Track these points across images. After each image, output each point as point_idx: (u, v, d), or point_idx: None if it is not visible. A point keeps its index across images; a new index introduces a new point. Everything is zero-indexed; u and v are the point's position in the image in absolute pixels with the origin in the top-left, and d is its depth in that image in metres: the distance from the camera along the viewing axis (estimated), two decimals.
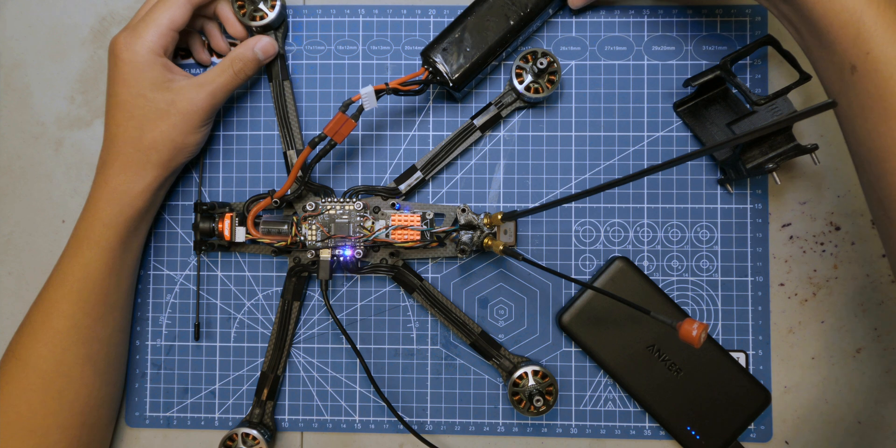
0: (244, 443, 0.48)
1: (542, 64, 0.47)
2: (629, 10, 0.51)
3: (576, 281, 0.41)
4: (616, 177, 0.51)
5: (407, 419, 0.51)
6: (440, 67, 0.47)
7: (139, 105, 0.45)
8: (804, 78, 0.44)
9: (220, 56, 0.52)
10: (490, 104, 0.50)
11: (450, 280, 0.51)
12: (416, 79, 0.47)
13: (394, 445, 0.51)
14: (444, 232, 0.47)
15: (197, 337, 0.51)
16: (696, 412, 0.48)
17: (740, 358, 0.50)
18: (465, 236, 0.46)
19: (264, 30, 0.50)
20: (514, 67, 0.48)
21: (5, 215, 0.53)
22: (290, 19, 0.52)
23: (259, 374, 0.51)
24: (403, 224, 0.48)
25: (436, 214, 0.49)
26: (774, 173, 0.46)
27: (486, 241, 0.46)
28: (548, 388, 0.48)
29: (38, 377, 0.45)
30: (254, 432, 0.48)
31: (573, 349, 0.51)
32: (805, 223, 0.51)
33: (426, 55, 0.47)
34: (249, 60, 0.48)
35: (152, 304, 0.52)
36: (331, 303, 0.51)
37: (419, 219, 0.48)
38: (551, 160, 0.51)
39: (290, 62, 0.52)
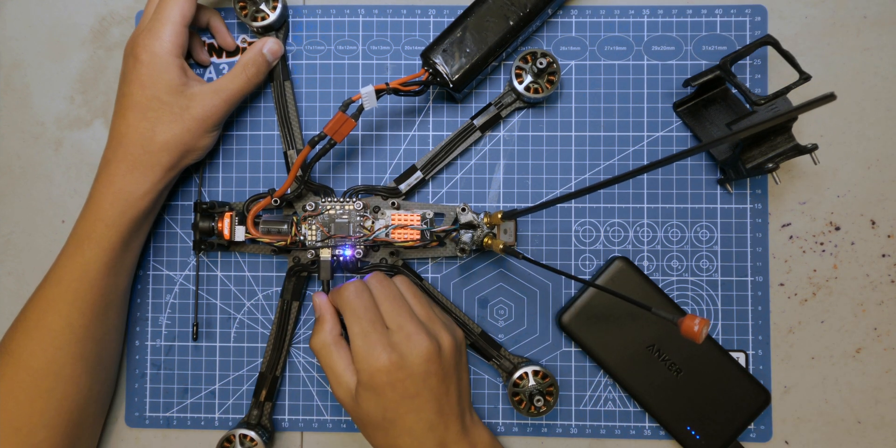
0: (241, 444, 0.48)
1: (541, 64, 0.47)
2: (629, 10, 0.51)
3: (575, 278, 0.41)
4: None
5: None
6: (440, 68, 0.47)
7: (153, 107, 0.45)
8: (804, 78, 0.44)
9: (219, 56, 0.52)
10: (490, 104, 0.50)
11: (450, 280, 0.51)
12: (417, 80, 0.47)
13: None
14: (444, 231, 0.47)
15: (195, 337, 0.51)
16: (696, 412, 0.48)
17: (740, 358, 0.50)
18: (466, 236, 0.46)
19: (266, 30, 0.50)
20: (513, 68, 0.48)
21: (5, 215, 0.53)
22: (291, 19, 0.52)
23: (258, 374, 0.51)
24: (403, 223, 0.48)
25: (436, 214, 0.49)
26: (774, 173, 0.46)
27: (486, 240, 0.46)
28: (548, 389, 0.48)
29: (29, 375, 0.44)
30: (251, 434, 0.48)
31: (573, 349, 0.51)
32: (805, 223, 0.51)
33: (426, 56, 0.47)
34: (261, 64, 0.48)
35: (152, 304, 0.52)
36: None
37: (419, 218, 0.48)
38: (551, 160, 0.51)
39: (290, 62, 0.52)
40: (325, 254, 0.48)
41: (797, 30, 0.51)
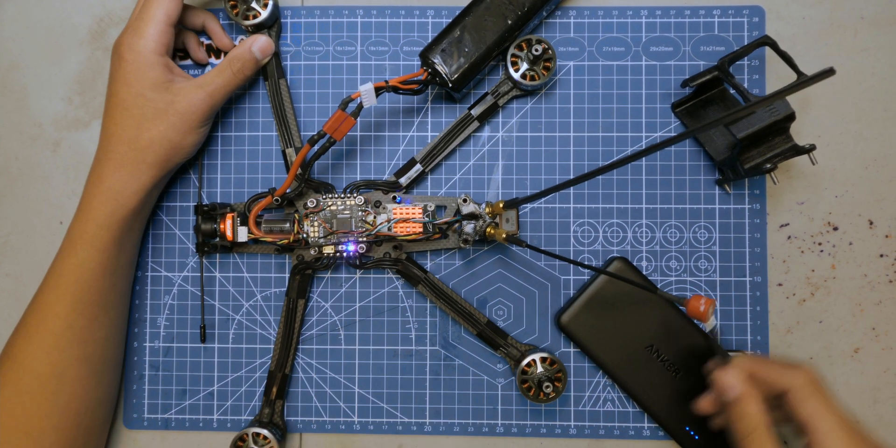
0: (255, 443, 0.48)
1: (536, 51, 0.47)
2: (627, 11, 0.51)
3: (582, 264, 0.41)
4: (615, 177, 0.51)
5: (406, 420, 0.51)
6: (439, 68, 0.47)
7: (138, 105, 0.45)
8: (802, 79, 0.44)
9: (218, 56, 0.52)
10: (486, 94, 0.50)
11: (449, 280, 0.51)
12: (416, 79, 0.47)
13: (393, 446, 0.51)
14: (446, 223, 0.47)
15: (203, 339, 0.51)
16: (695, 412, 0.48)
17: None
18: (468, 226, 0.47)
19: (257, 29, 0.50)
20: (508, 55, 0.48)
21: (2, 217, 0.53)
22: (289, 20, 0.52)
23: (260, 374, 0.51)
24: (405, 217, 0.48)
25: (437, 206, 0.49)
26: (772, 173, 0.46)
27: (488, 230, 0.46)
28: (556, 375, 0.48)
29: (33, 379, 0.44)
30: (264, 432, 0.48)
31: (572, 349, 0.51)
32: (803, 223, 0.51)
33: (425, 56, 0.47)
34: (248, 60, 0.48)
35: (150, 305, 0.52)
36: (331, 303, 0.51)
37: (421, 211, 0.48)
38: (549, 161, 0.51)
39: (288, 63, 0.52)
40: (329, 250, 0.48)
41: (795, 30, 0.51)
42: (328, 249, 0.48)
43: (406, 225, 0.48)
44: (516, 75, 0.48)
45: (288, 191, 0.47)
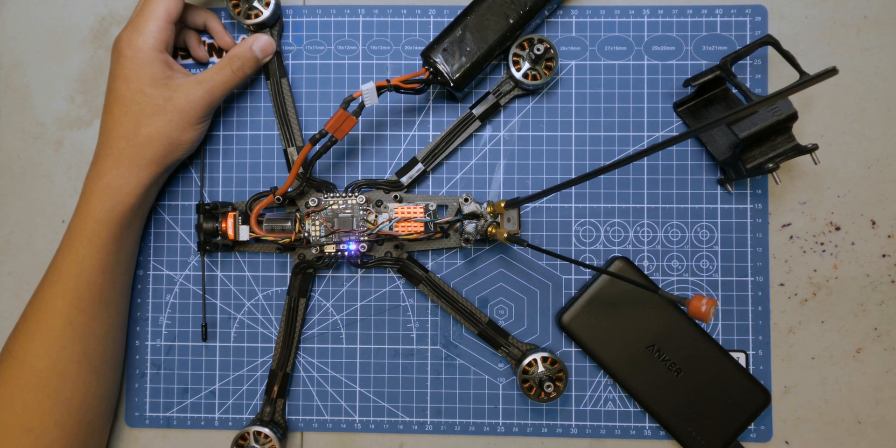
0: (256, 441, 0.48)
1: (538, 50, 0.47)
2: (629, 10, 0.51)
3: (583, 264, 0.41)
4: (616, 177, 0.51)
5: (407, 419, 0.51)
6: (441, 68, 0.47)
7: (137, 100, 0.45)
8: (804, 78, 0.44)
9: (219, 55, 0.52)
10: (488, 93, 0.50)
11: (451, 280, 0.51)
12: (418, 78, 0.47)
13: (393, 445, 0.51)
14: (447, 222, 0.47)
15: (205, 337, 0.51)
16: (696, 412, 0.48)
17: (740, 358, 0.50)
18: (469, 226, 0.47)
19: (259, 28, 0.50)
20: (510, 55, 0.48)
21: (5, 215, 0.53)
22: (291, 19, 0.52)
23: (261, 373, 0.51)
24: (407, 216, 0.48)
25: (438, 206, 0.49)
26: (774, 173, 0.46)
27: (490, 229, 0.46)
28: (557, 374, 0.48)
29: (35, 375, 0.44)
30: (265, 430, 0.48)
31: (573, 349, 0.51)
32: (805, 223, 0.51)
33: (427, 56, 0.47)
34: (248, 59, 0.48)
35: (152, 304, 0.52)
36: (332, 302, 0.51)
37: (422, 210, 0.48)
38: (551, 160, 0.51)
39: (290, 62, 0.52)
40: (330, 249, 0.48)
41: (797, 30, 0.51)
42: (329, 248, 0.48)
43: (407, 224, 0.48)
44: (518, 75, 0.48)
45: (289, 190, 0.48)
